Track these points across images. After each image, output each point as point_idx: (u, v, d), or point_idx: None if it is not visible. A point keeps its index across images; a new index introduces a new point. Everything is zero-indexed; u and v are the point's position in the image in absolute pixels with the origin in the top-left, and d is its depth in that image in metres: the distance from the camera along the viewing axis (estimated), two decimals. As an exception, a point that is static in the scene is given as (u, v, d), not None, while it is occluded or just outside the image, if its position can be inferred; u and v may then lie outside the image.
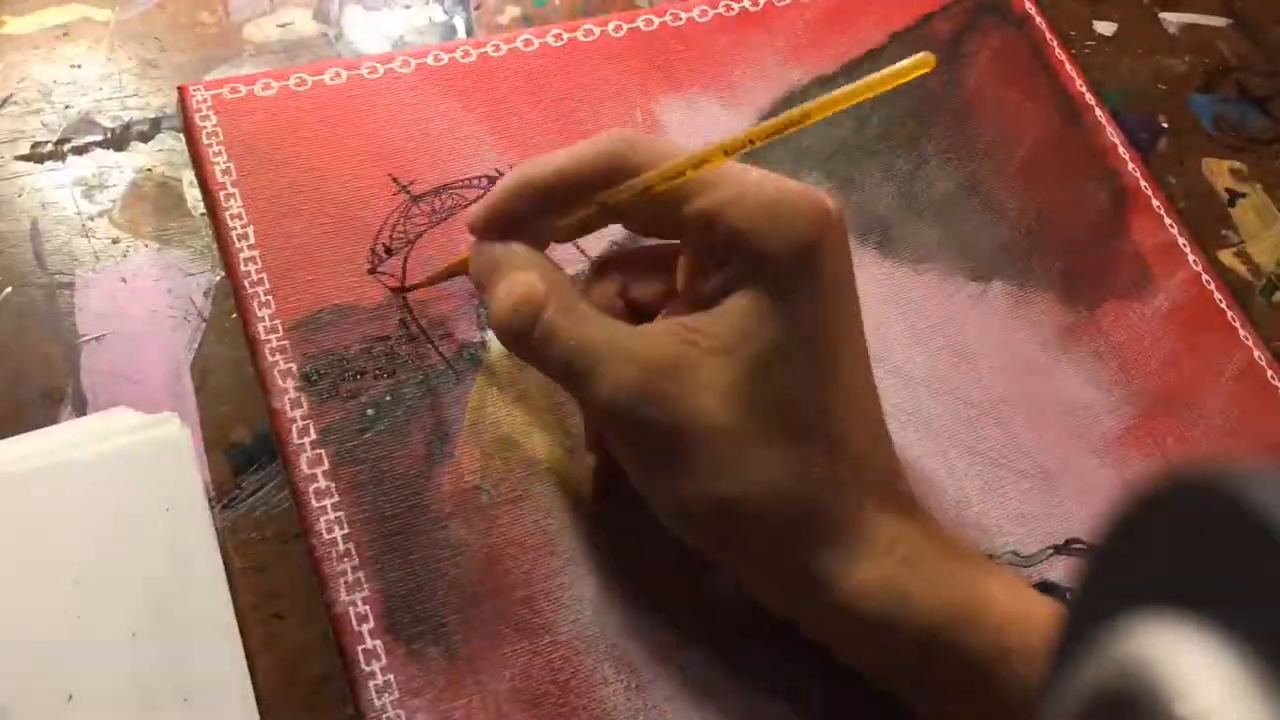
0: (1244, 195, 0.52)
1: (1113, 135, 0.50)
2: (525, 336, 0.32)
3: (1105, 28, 0.55)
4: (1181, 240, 0.48)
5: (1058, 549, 0.40)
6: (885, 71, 0.30)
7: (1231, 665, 0.15)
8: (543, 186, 0.33)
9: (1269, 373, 0.46)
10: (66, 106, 0.43)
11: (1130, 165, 0.49)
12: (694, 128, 0.45)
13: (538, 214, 0.34)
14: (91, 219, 0.41)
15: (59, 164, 0.41)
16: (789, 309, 0.31)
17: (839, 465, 0.32)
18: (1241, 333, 0.46)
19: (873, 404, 0.34)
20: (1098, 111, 0.50)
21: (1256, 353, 0.46)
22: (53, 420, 0.37)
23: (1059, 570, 0.40)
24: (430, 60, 0.44)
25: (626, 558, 0.37)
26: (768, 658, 0.36)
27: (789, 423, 0.32)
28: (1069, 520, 0.41)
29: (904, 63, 0.30)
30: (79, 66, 0.44)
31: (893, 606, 0.31)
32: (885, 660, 0.33)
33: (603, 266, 0.38)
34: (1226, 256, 0.50)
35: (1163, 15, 0.56)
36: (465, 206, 0.41)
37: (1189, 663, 0.15)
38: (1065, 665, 0.18)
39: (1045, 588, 0.39)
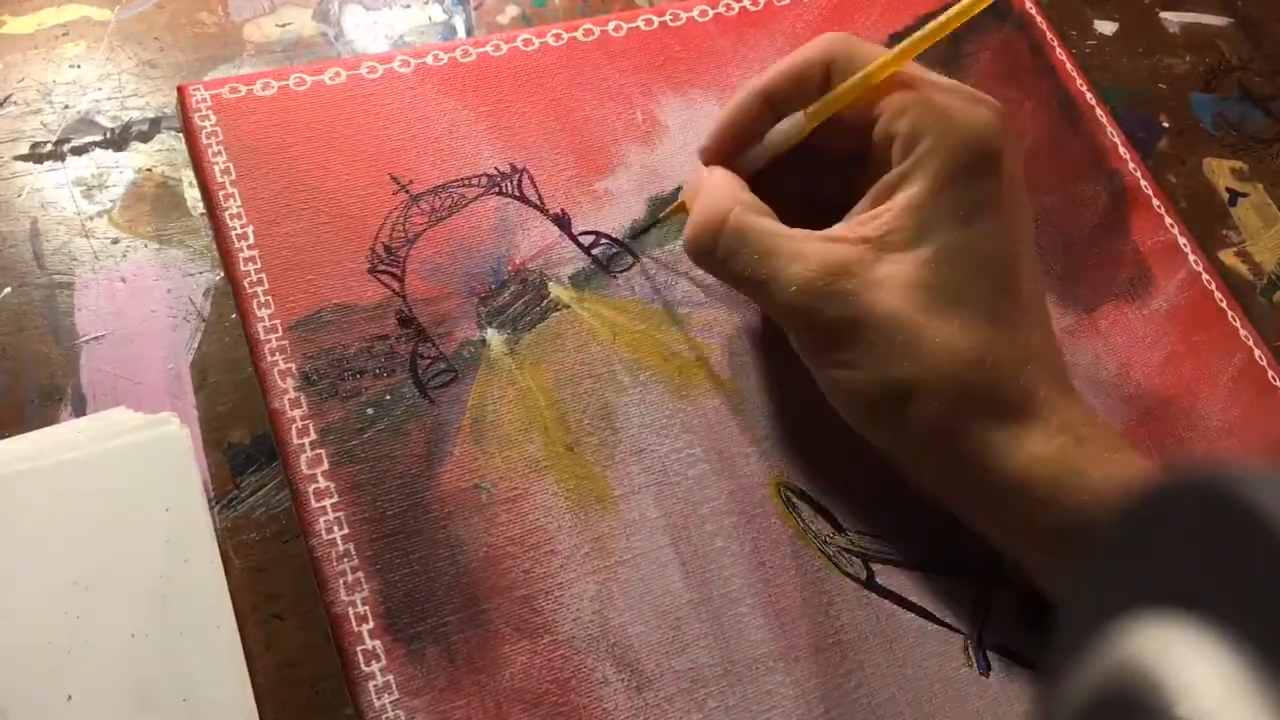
0: (1245, 195, 0.52)
1: (1113, 135, 0.50)
2: (709, 253, 0.36)
3: (1106, 27, 0.55)
4: (1182, 240, 0.48)
5: (1058, 549, 0.40)
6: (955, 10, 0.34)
7: (1231, 666, 0.14)
8: (765, 91, 0.37)
9: (1270, 373, 0.45)
10: (66, 106, 0.43)
11: (1131, 165, 0.49)
12: (694, 128, 0.45)
13: (765, 121, 0.37)
14: (91, 219, 0.41)
15: (58, 164, 0.41)
16: (969, 201, 0.34)
17: (1014, 351, 0.34)
18: (1242, 333, 0.46)
19: (1041, 296, 0.36)
20: (1098, 111, 0.50)
21: (1257, 353, 0.46)
22: (52, 420, 0.37)
23: (1059, 570, 0.40)
24: (430, 60, 0.44)
25: (628, 556, 0.37)
26: (769, 656, 0.36)
27: (966, 311, 0.33)
28: (1069, 520, 0.41)
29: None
30: (78, 66, 0.44)
31: (1066, 478, 0.32)
32: (1050, 537, 0.33)
33: (785, 166, 0.39)
34: (1227, 256, 0.50)
35: (1163, 14, 0.56)
36: (465, 205, 0.41)
37: (1189, 663, 0.15)
38: (1065, 666, 0.18)
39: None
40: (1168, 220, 0.48)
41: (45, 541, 0.34)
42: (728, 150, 0.38)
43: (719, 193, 0.36)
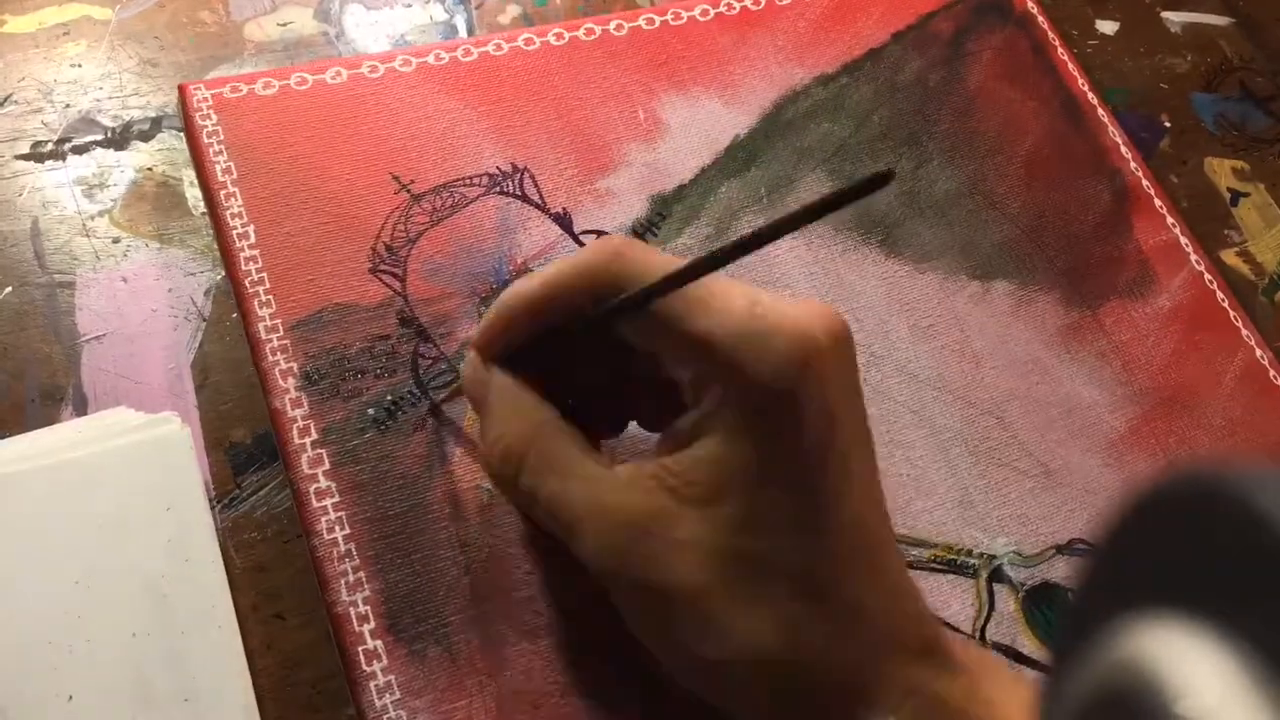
0: (1246, 195, 0.52)
1: (1115, 134, 0.50)
2: (512, 488, 0.32)
3: (1107, 27, 0.55)
4: (1184, 240, 0.48)
5: (1060, 549, 0.40)
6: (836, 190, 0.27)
7: (1232, 665, 0.14)
8: (530, 303, 0.32)
9: (1271, 372, 0.45)
10: (67, 106, 0.43)
11: (1132, 164, 0.49)
12: (696, 127, 0.45)
13: (534, 330, 0.33)
14: (92, 218, 0.40)
15: (59, 163, 0.41)
16: (768, 453, 0.29)
17: (834, 622, 0.29)
18: (1244, 332, 0.46)
19: (878, 538, 0.31)
20: (1100, 111, 0.50)
21: (1259, 352, 0.46)
22: (53, 420, 0.37)
23: (1061, 570, 0.40)
24: (431, 59, 0.44)
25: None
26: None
27: (773, 581, 0.29)
28: (1071, 520, 0.41)
29: (859, 179, 0.26)
30: (79, 66, 0.44)
31: None
32: None
33: (594, 351, 0.34)
34: (1229, 256, 0.50)
35: (1165, 14, 0.56)
36: (467, 205, 0.41)
37: (1189, 663, 0.15)
38: (1065, 665, 0.18)
39: (1046, 588, 0.39)
40: (1169, 220, 0.48)
41: (46, 541, 0.34)
42: (499, 351, 0.33)
43: (513, 416, 0.32)
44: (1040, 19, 0.52)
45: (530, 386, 0.33)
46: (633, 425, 0.36)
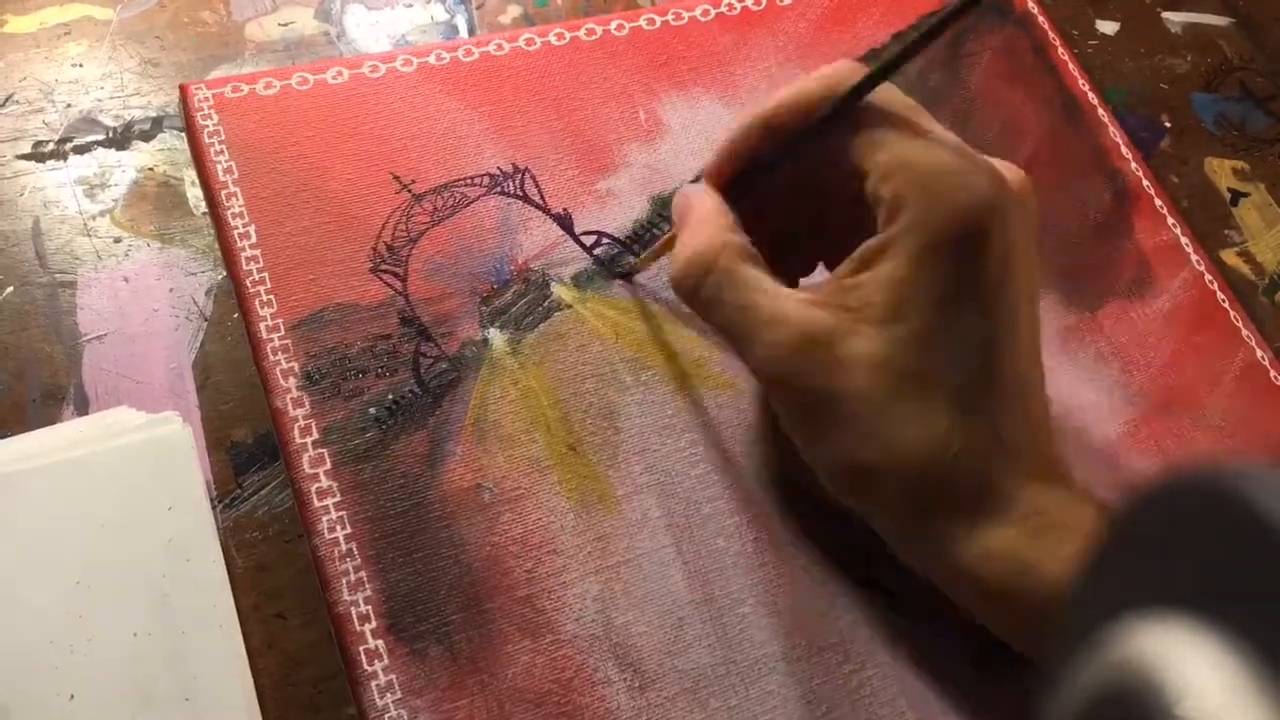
0: (1246, 195, 0.52)
1: (1115, 135, 0.50)
2: (693, 296, 0.34)
3: (1108, 27, 0.55)
4: (1184, 240, 0.48)
5: (1060, 549, 0.40)
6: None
7: (1232, 666, 0.15)
8: (766, 120, 0.34)
9: (1271, 372, 0.46)
10: (68, 105, 0.43)
11: (1133, 164, 0.49)
12: (697, 127, 0.45)
13: (768, 152, 0.35)
14: (93, 218, 0.41)
15: (61, 163, 0.41)
16: (950, 281, 0.31)
17: (982, 441, 0.32)
18: (1244, 332, 0.46)
19: (1030, 380, 0.34)
20: (1100, 111, 0.50)
21: (1259, 353, 0.46)
22: (54, 420, 0.37)
23: (1061, 570, 0.40)
24: (432, 59, 0.44)
25: (630, 556, 0.37)
26: (771, 656, 0.36)
27: (935, 399, 0.32)
28: (1071, 520, 0.41)
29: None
30: (80, 65, 0.44)
31: (1011, 576, 0.31)
32: (1009, 624, 0.33)
33: (788, 197, 0.37)
34: (1229, 256, 0.50)
35: (1165, 15, 0.56)
36: (468, 205, 0.42)
37: (1190, 663, 0.15)
38: (1066, 665, 0.18)
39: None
40: (1170, 220, 0.48)
41: (48, 541, 0.34)
42: (727, 176, 0.36)
43: (707, 229, 0.34)
44: (1040, 19, 0.52)
45: (732, 216, 0.35)
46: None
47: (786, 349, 0.32)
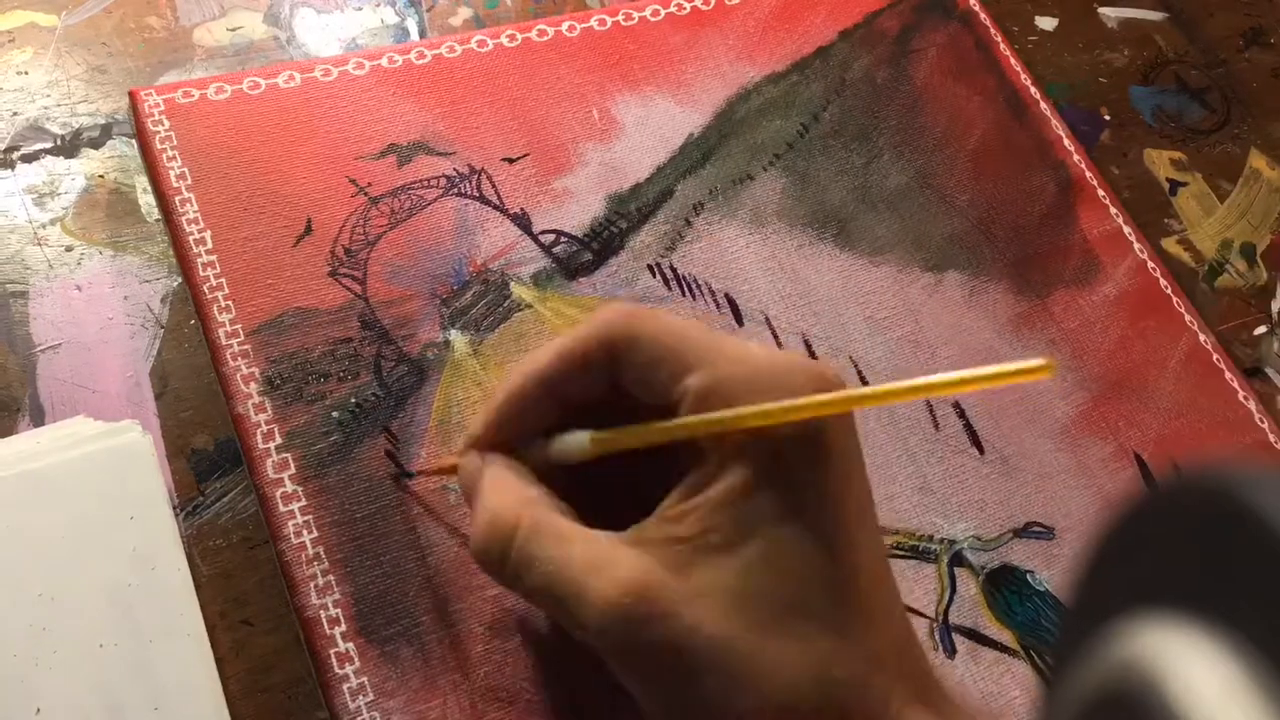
0: (1185, 184, 0.53)
1: (1058, 128, 0.51)
2: (502, 564, 0.30)
3: (1047, 23, 0.56)
4: (1127, 229, 0.49)
5: (1017, 533, 0.41)
6: (995, 370, 0.27)
7: (1231, 667, 0.15)
8: (542, 378, 0.31)
9: (1214, 355, 0.47)
10: (14, 113, 0.42)
11: (1075, 157, 0.50)
12: (650, 126, 0.46)
13: (546, 407, 0.32)
14: (44, 226, 0.40)
15: (8, 172, 0.41)
16: (794, 492, 0.29)
17: (861, 662, 0.29)
18: (1187, 318, 0.47)
19: (890, 589, 0.31)
20: (1042, 105, 0.51)
21: (1202, 336, 0.47)
22: (9, 431, 0.36)
23: (1019, 554, 0.40)
24: (385, 62, 0.44)
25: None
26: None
27: (801, 621, 0.28)
28: (1028, 504, 0.42)
29: (1017, 365, 0.26)
30: (26, 73, 0.43)
31: None
32: None
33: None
34: (1170, 244, 0.51)
35: (1101, 10, 0.58)
36: (425, 207, 0.41)
37: (1189, 664, 0.15)
38: (1065, 665, 0.18)
39: (1006, 570, 0.40)
40: (1112, 210, 0.49)
41: (9, 554, 0.34)
42: (505, 438, 0.32)
43: (504, 493, 0.31)
44: (982, 16, 0.53)
45: (527, 472, 0.32)
46: None
47: (620, 604, 0.28)
